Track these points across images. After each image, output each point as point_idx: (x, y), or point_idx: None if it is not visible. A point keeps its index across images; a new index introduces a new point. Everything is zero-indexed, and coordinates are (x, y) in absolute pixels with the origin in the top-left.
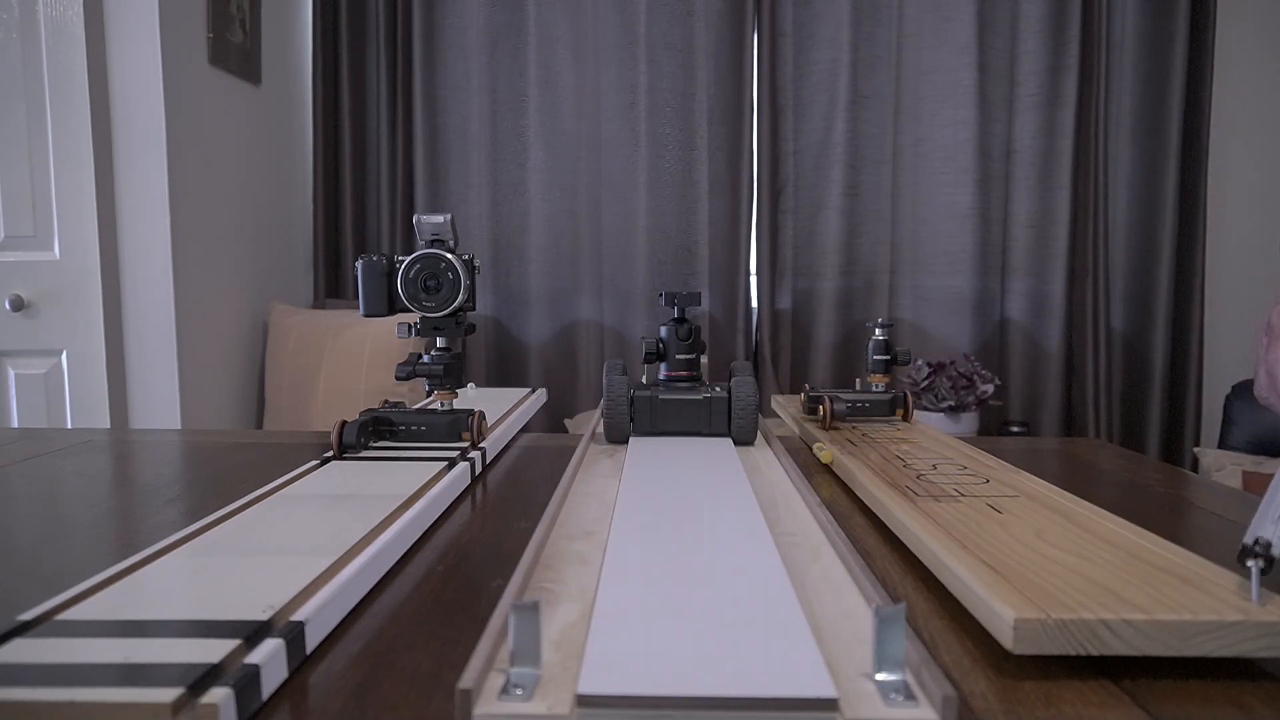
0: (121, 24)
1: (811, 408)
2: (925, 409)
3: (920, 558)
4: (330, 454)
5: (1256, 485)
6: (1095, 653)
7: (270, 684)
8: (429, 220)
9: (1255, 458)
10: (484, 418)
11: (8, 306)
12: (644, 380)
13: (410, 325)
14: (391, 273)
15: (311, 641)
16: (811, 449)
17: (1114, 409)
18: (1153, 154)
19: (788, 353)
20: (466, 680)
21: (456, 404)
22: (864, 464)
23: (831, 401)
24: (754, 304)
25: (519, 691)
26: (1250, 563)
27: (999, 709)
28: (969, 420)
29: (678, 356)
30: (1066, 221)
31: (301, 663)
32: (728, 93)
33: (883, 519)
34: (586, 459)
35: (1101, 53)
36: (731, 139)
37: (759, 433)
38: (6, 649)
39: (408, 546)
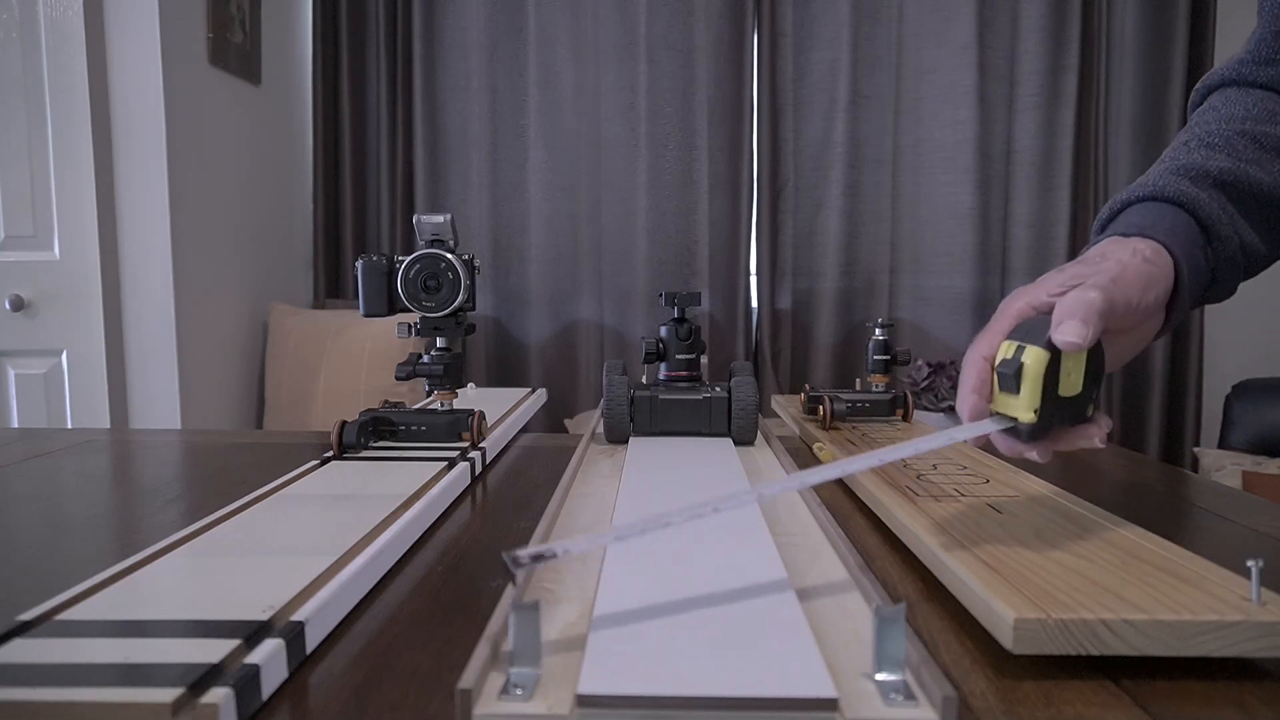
0: (121, 24)
1: (811, 408)
2: (925, 409)
3: (920, 558)
4: (330, 454)
5: (1256, 485)
6: (1095, 653)
7: (270, 684)
8: (429, 220)
9: (1255, 457)
10: (484, 418)
11: (8, 306)
12: (644, 380)
13: (410, 325)
14: (391, 273)
15: (311, 641)
16: (811, 449)
17: (1114, 409)
18: (1153, 154)
19: (788, 353)
20: (466, 680)
21: (456, 404)
22: None
23: (831, 401)
24: (754, 304)
25: (519, 691)
26: (1250, 563)
27: (999, 709)
28: None
29: (678, 356)
30: (1066, 221)
31: (301, 663)
32: (728, 93)
33: (883, 519)
34: (586, 459)
35: (1101, 53)
36: (731, 139)
37: (759, 433)
38: (6, 649)
39: (408, 546)
